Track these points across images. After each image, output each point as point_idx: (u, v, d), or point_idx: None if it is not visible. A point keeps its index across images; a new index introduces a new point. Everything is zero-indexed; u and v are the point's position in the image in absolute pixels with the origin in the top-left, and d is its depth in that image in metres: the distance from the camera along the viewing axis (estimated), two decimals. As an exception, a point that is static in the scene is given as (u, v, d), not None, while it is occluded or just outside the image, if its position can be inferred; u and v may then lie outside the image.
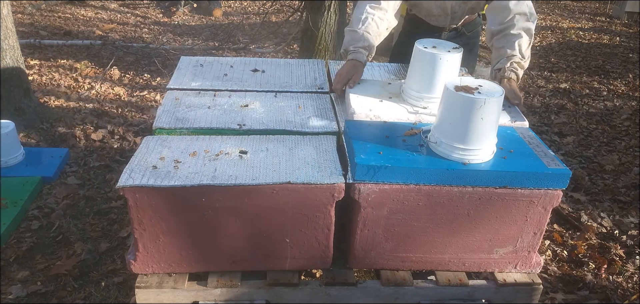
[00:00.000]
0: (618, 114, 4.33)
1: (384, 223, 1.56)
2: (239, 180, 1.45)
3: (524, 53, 1.95)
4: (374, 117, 1.77)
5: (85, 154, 3.17)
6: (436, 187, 1.51)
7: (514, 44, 1.94)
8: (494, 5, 2.02)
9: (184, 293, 1.56)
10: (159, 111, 1.84)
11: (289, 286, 1.60)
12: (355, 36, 2.00)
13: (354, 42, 2.00)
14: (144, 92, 4.30)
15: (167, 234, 1.50)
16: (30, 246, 2.34)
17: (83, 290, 2.12)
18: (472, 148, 1.50)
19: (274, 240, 1.56)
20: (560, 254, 2.49)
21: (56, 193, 2.73)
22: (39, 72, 4.54)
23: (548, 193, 1.54)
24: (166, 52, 5.41)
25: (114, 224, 2.54)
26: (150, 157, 1.55)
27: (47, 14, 6.77)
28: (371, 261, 1.65)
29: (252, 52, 5.49)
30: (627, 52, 6.20)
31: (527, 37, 1.95)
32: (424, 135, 1.64)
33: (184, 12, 7.37)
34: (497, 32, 2.00)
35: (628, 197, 3.03)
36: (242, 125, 1.77)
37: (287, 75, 2.24)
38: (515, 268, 1.69)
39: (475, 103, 1.44)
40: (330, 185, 1.47)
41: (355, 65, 1.97)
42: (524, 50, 1.95)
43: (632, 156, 3.55)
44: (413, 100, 1.84)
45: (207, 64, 2.29)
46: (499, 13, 1.99)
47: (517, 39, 1.93)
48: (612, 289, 2.26)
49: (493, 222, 1.59)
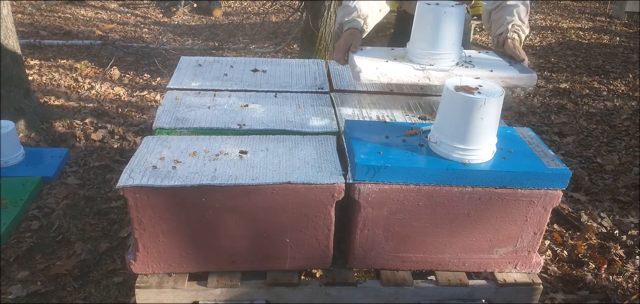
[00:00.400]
0: (618, 114, 4.33)
1: (384, 223, 1.56)
2: (239, 180, 1.45)
3: (524, 20, 1.95)
4: (381, 75, 1.76)
5: (85, 154, 3.17)
6: (436, 187, 1.51)
7: (512, 11, 1.94)
8: None
9: (184, 293, 1.56)
10: (159, 111, 1.84)
11: (289, 286, 1.60)
12: (348, 10, 2.00)
13: (348, 14, 2.00)
14: (144, 92, 4.30)
15: (167, 234, 1.50)
16: (30, 246, 2.34)
17: (83, 290, 2.12)
18: (472, 148, 1.50)
19: (274, 240, 1.56)
20: (560, 254, 2.49)
21: (56, 193, 2.73)
22: (39, 72, 4.54)
23: (548, 193, 1.54)
24: (166, 52, 5.41)
25: (114, 224, 2.54)
26: (150, 157, 1.55)
27: (47, 14, 6.77)
28: (371, 261, 1.65)
29: (252, 52, 5.49)
30: (627, 52, 6.20)
31: (524, 6, 1.96)
32: (424, 135, 1.64)
33: (184, 12, 7.37)
34: (493, 7, 2.01)
35: (628, 197, 3.03)
36: (242, 125, 1.77)
37: (287, 75, 2.24)
38: (515, 268, 1.69)
39: (475, 103, 1.44)
40: (330, 185, 1.47)
41: (353, 32, 1.97)
42: (523, 17, 1.95)
43: (632, 156, 3.55)
44: (418, 58, 1.84)
45: (207, 64, 2.29)
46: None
47: (515, 8, 1.94)
48: (612, 289, 2.26)
49: (493, 222, 1.59)
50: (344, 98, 2.04)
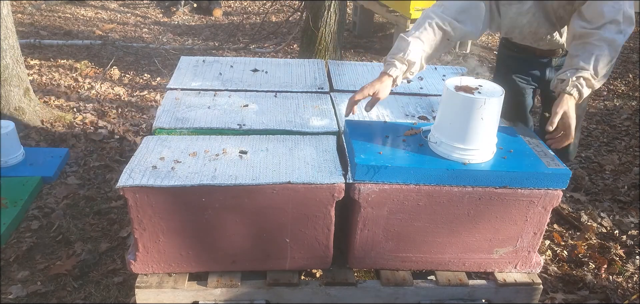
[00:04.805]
0: (618, 114, 4.33)
1: (384, 223, 1.56)
2: (239, 180, 1.45)
3: (599, 71, 1.62)
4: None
5: (85, 154, 3.17)
6: (436, 187, 1.51)
7: (590, 57, 1.60)
8: (589, 4, 1.64)
9: (184, 293, 1.56)
10: (159, 111, 1.84)
11: (289, 286, 1.60)
12: (401, 44, 1.72)
13: (395, 52, 1.72)
14: (144, 92, 4.30)
15: (167, 234, 1.50)
16: (30, 246, 2.34)
17: (83, 290, 2.12)
18: (472, 148, 1.50)
19: (274, 240, 1.56)
20: (560, 254, 2.49)
21: (56, 193, 2.73)
22: (39, 72, 4.54)
23: (548, 193, 1.54)
24: (166, 52, 5.40)
25: (114, 224, 2.53)
26: (150, 157, 1.55)
27: (47, 14, 6.77)
28: (371, 261, 1.65)
29: (252, 52, 5.49)
30: (627, 52, 6.19)
31: (609, 52, 1.61)
32: (424, 135, 1.64)
33: (184, 12, 7.36)
34: (578, 35, 1.65)
35: (628, 197, 3.03)
36: (242, 125, 1.77)
37: (287, 75, 2.24)
38: (515, 268, 1.69)
39: (475, 103, 1.44)
40: (330, 185, 1.47)
41: (382, 80, 1.70)
42: (601, 67, 1.61)
43: (632, 156, 3.54)
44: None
45: (207, 64, 2.29)
46: (588, 13, 1.63)
47: (596, 52, 1.60)
48: (612, 289, 2.26)
49: (493, 222, 1.59)
50: (344, 98, 2.04)
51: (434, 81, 2.29)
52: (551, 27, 1.84)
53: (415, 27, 1.76)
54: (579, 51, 1.63)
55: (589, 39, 1.61)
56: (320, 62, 2.42)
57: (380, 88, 1.69)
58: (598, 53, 1.60)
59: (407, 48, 1.69)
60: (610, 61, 1.63)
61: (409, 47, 1.69)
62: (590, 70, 1.61)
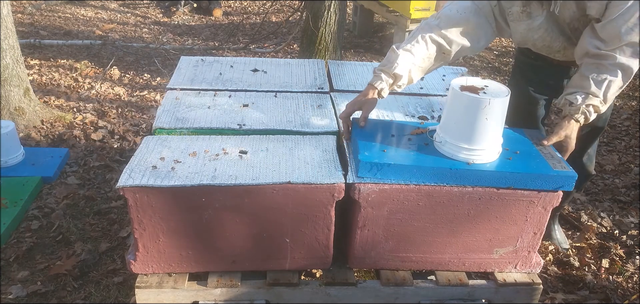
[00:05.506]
0: (618, 114, 4.33)
1: (384, 223, 1.56)
2: (239, 180, 1.45)
3: (608, 97, 1.58)
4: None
5: (85, 154, 3.17)
6: (436, 187, 1.51)
7: (602, 83, 1.56)
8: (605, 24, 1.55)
9: (184, 293, 1.56)
10: (159, 111, 1.84)
11: (289, 286, 1.60)
12: (390, 56, 1.66)
13: (384, 63, 1.67)
14: (144, 92, 4.30)
15: (167, 234, 1.50)
16: (30, 246, 2.34)
17: (83, 290, 2.12)
18: (477, 148, 1.49)
19: (274, 240, 1.56)
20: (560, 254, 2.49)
21: (56, 193, 2.73)
22: (39, 72, 4.54)
23: (548, 193, 1.54)
24: (166, 52, 5.40)
25: (114, 224, 2.53)
26: (150, 157, 1.55)
27: (47, 14, 6.76)
28: (371, 261, 1.65)
29: (252, 52, 5.49)
30: (627, 52, 6.18)
31: (622, 79, 1.56)
32: (430, 134, 1.64)
33: (184, 12, 7.36)
34: (592, 55, 1.58)
35: (628, 197, 3.03)
36: (242, 125, 1.77)
37: (287, 75, 2.24)
38: (515, 268, 1.69)
39: (480, 103, 1.43)
40: (330, 185, 1.47)
41: (365, 94, 1.66)
42: (611, 94, 1.58)
43: (632, 156, 3.54)
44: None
45: (207, 64, 2.29)
46: (603, 33, 1.56)
47: (609, 78, 1.55)
48: (612, 289, 2.26)
49: (493, 222, 1.59)
50: (344, 98, 2.04)
51: (434, 81, 2.29)
52: (566, 40, 1.76)
53: (409, 39, 1.71)
54: (591, 72, 1.58)
55: (604, 61, 1.56)
56: (320, 62, 2.42)
57: (364, 102, 1.65)
58: (611, 79, 1.56)
59: (395, 61, 1.64)
60: (621, 87, 1.59)
61: (397, 60, 1.64)
62: (601, 97, 1.58)
